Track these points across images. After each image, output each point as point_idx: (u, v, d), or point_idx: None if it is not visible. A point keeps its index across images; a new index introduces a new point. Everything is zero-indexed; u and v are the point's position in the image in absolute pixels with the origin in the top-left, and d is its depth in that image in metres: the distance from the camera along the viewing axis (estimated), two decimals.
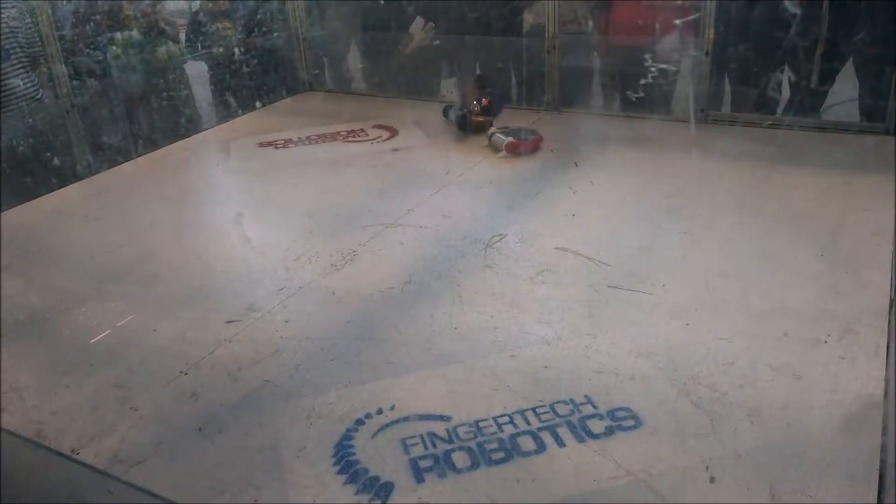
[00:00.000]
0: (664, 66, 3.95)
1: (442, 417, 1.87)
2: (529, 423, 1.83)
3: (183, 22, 5.01)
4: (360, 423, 1.86)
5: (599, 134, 4.05)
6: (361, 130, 4.24)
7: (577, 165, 3.51)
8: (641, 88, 3.92)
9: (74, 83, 3.94)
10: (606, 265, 2.57)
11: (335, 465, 1.74)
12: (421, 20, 4.72)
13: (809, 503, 1.58)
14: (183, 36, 4.93)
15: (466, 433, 1.81)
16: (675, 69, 4.02)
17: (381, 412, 1.90)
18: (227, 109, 5.03)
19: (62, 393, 2.05)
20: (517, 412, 1.87)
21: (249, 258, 2.79)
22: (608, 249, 2.67)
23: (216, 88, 5.12)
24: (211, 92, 5.16)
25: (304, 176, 3.61)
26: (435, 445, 1.78)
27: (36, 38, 3.71)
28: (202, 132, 4.54)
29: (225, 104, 5.08)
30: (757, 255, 2.60)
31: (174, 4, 5.08)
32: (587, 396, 1.91)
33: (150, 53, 4.49)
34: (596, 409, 1.87)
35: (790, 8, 3.50)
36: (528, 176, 3.43)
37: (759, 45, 3.87)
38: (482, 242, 2.79)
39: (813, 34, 3.68)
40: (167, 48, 4.59)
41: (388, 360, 2.12)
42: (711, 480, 1.63)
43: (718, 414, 1.83)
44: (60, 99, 3.80)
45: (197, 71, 5.09)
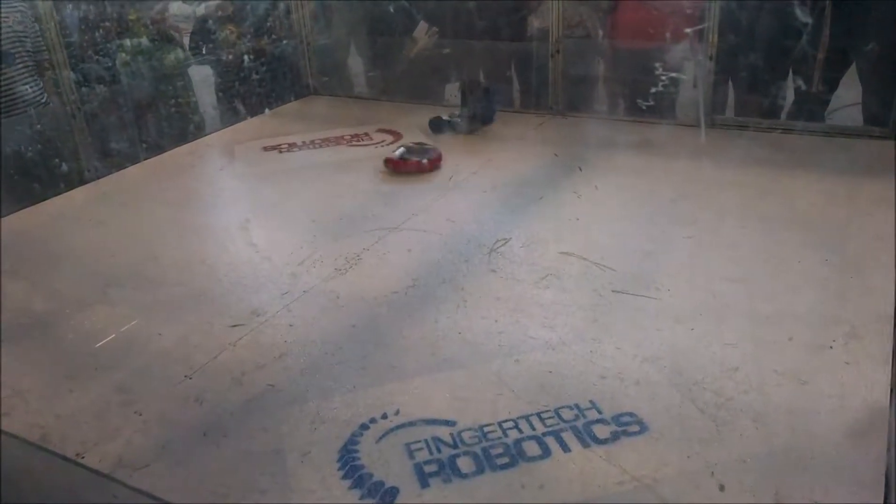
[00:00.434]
0: (670, 71, 3.95)
1: (447, 422, 1.86)
2: (534, 428, 1.83)
3: (187, 26, 5.01)
4: (364, 427, 1.86)
5: (604, 138, 4.05)
6: (365, 134, 4.24)
7: (581, 170, 3.51)
8: (650, 97, 3.92)
9: (83, 90, 3.95)
10: (611, 270, 2.57)
11: (340, 469, 1.73)
12: (425, 24, 4.72)
13: None
14: (187, 39, 4.94)
15: (471, 438, 1.81)
16: (680, 74, 4.02)
17: (385, 417, 1.90)
18: (231, 113, 5.03)
19: (66, 397, 2.05)
20: (522, 417, 1.86)
21: (254, 262, 2.80)
22: (613, 254, 2.67)
23: (221, 92, 5.12)
24: (216, 96, 5.16)
25: (308, 180, 3.61)
26: (440, 450, 1.77)
27: (42, 44, 3.72)
28: (207, 136, 4.54)
29: (230, 108, 5.09)
30: (762, 259, 2.59)
31: (178, 7, 5.09)
32: (592, 401, 1.91)
33: (157, 60, 4.50)
34: (601, 414, 1.86)
35: (801, 16, 3.49)
36: (532, 180, 3.43)
37: (763, 49, 3.87)
38: (486, 247, 2.78)
39: (817, 39, 3.68)
40: (175, 55, 4.60)
41: (392, 364, 2.12)
42: (721, 488, 1.62)
43: (724, 419, 1.82)
44: (67, 105, 3.81)
45: (201, 74, 5.10)
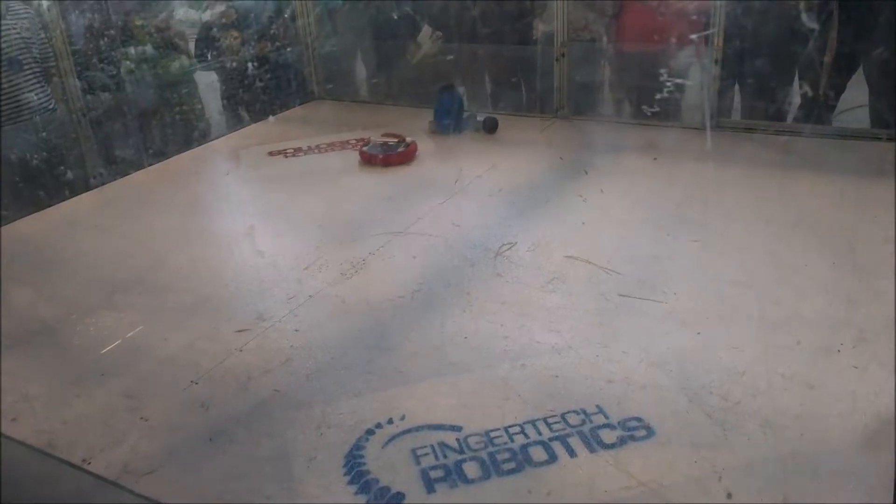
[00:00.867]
0: (676, 75, 3.94)
1: (453, 427, 1.86)
2: (541, 433, 1.82)
3: (193, 31, 5.03)
4: (370, 433, 1.86)
5: (609, 142, 4.05)
6: (370, 138, 4.24)
7: (586, 173, 3.50)
8: (655, 103, 3.92)
9: (88, 97, 3.96)
10: (617, 273, 2.56)
11: (346, 475, 1.73)
12: (429, 29, 4.72)
13: None
14: (192, 45, 4.95)
15: (477, 443, 1.80)
16: (685, 80, 4.01)
17: (391, 422, 1.89)
18: (237, 119, 5.04)
19: (73, 403, 2.05)
20: (528, 422, 1.86)
21: (259, 267, 2.80)
22: (619, 258, 2.66)
23: (226, 98, 5.14)
24: (221, 102, 5.18)
25: (313, 185, 3.62)
26: (446, 456, 1.77)
27: (50, 51, 3.74)
28: (212, 141, 4.55)
29: (235, 113, 5.10)
30: (769, 263, 2.58)
31: (185, 13, 5.10)
32: (598, 406, 1.90)
33: (162, 68, 4.51)
34: (607, 419, 1.86)
35: (808, 19, 3.49)
36: (537, 184, 3.42)
37: (770, 53, 3.86)
38: (492, 251, 2.78)
39: (823, 41, 3.67)
40: (180, 62, 4.62)
41: (398, 369, 2.11)
42: (728, 496, 1.61)
43: (731, 424, 1.82)
44: (74, 113, 3.82)
45: (207, 80, 5.11)
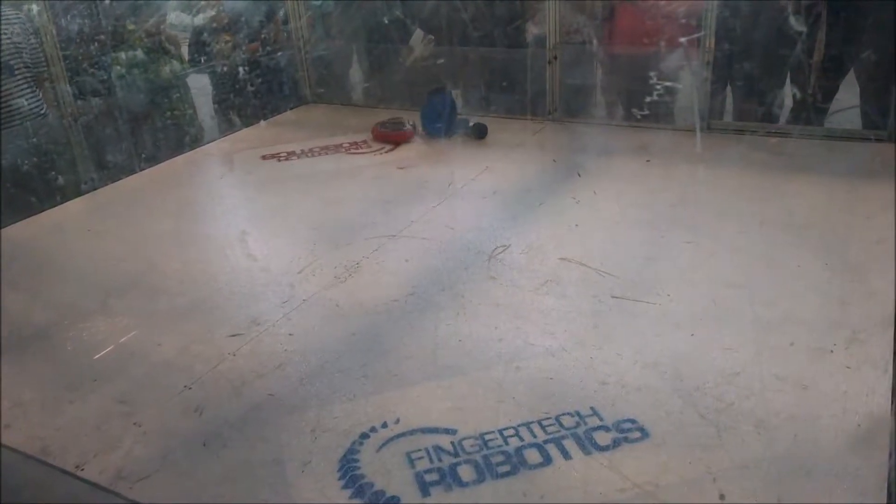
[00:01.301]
0: (667, 77, 3.95)
1: (447, 430, 1.86)
2: (535, 435, 1.82)
3: (185, 34, 5.01)
4: (365, 436, 1.86)
5: (602, 144, 4.06)
6: (364, 142, 4.25)
7: (579, 175, 3.51)
8: (647, 106, 3.93)
9: (79, 102, 3.96)
10: (611, 276, 2.56)
11: (340, 479, 1.73)
12: (421, 32, 4.72)
13: None
14: (185, 49, 4.94)
15: (472, 446, 1.80)
16: (676, 83, 4.02)
17: (385, 426, 1.89)
18: (229, 123, 5.03)
19: (66, 408, 2.05)
20: (523, 424, 1.86)
21: (253, 271, 2.80)
22: (612, 260, 2.67)
23: (219, 103, 5.12)
24: (213, 105, 5.16)
25: (306, 188, 3.61)
26: (440, 459, 1.77)
27: (41, 56, 3.74)
28: (205, 145, 4.54)
29: (227, 117, 5.09)
30: (762, 264, 2.59)
31: (177, 17, 5.09)
32: (593, 408, 1.91)
33: (154, 73, 4.51)
34: (602, 420, 1.86)
35: (798, 21, 3.51)
36: (531, 186, 3.43)
37: (761, 54, 3.87)
38: (486, 254, 2.78)
39: (815, 43, 3.68)
40: (171, 67, 4.61)
41: (392, 372, 2.11)
42: (721, 497, 1.61)
43: (725, 425, 1.82)
44: (65, 119, 3.82)
45: (199, 83, 5.10)
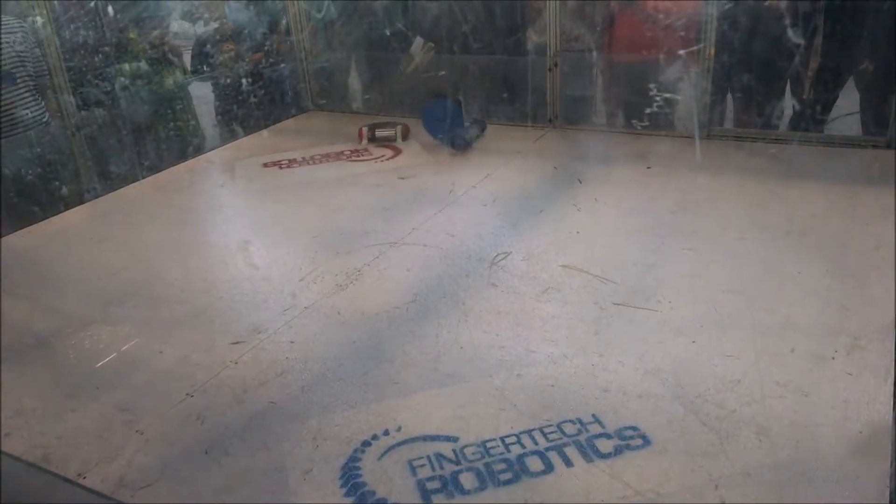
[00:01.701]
0: (667, 85, 3.97)
1: (449, 438, 1.86)
2: (537, 442, 1.82)
3: (188, 44, 5.03)
4: (366, 444, 1.86)
5: (603, 151, 4.06)
6: (365, 150, 4.26)
7: (580, 183, 3.51)
8: (649, 113, 3.94)
9: (83, 112, 3.97)
10: (612, 282, 2.57)
11: (342, 487, 1.73)
12: (421, 40, 4.73)
13: None
14: (188, 58, 4.96)
15: (474, 454, 1.80)
16: (675, 94, 4.03)
17: (387, 433, 1.89)
18: (231, 131, 5.05)
19: (68, 417, 2.05)
20: (524, 432, 1.86)
21: (254, 279, 2.80)
22: (613, 267, 2.67)
23: (220, 111, 5.14)
24: (215, 114, 5.18)
25: (308, 196, 3.62)
26: (442, 466, 1.77)
27: (43, 66, 3.75)
28: (207, 153, 4.55)
29: (229, 126, 5.10)
30: (762, 270, 2.59)
31: (180, 26, 5.11)
32: (595, 415, 1.91)
33: (157, 83, 4.52)
34: (604, 428, 1.86)
35: (793, 34, 3.52)
36: (532, 193, 3.43)
37: (760, 61, 3.88)
38: (487, 261, 2.79)
39: (815, 50, 3.69)
40: (174, 77, 4.63)
41: (394, 380, 2.11)
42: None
43: (727, 432, 1.82)
44: (69, 128, 3.83)
45: (201, 91, 5.12)
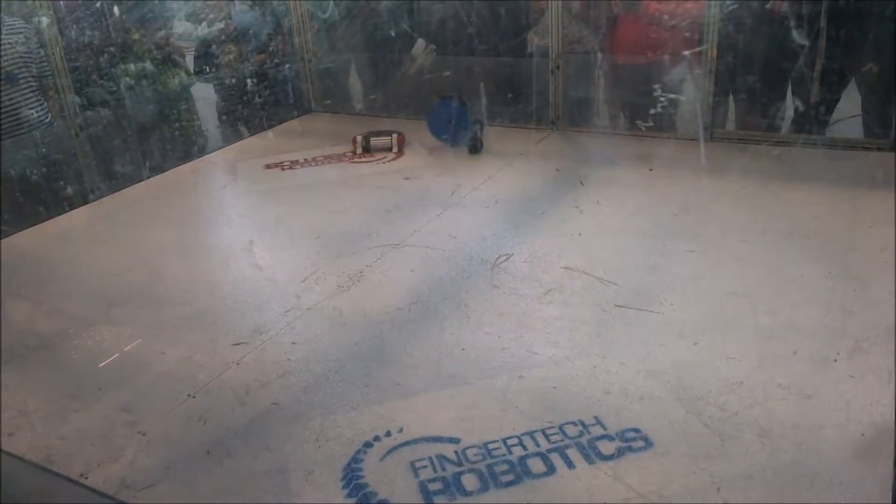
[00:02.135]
0: (669, 87, 3.97)
1: (451, 439, 1.86)
2: (539, 444, 1.82)
3: (190, 45, 5.04)
4: (368, 445, 1.86)
5: (605, 153, 4.06)
6: (367, 152, 4.26)
7: (582, 185, 3.51)
8: (649, 116, 3.95)
9: (88, 113, 3.98)
10: (614, 284, 2.57)
11: (344, 488, 1.73)
12: (422, 42, 4.74)
13: None
14: (190, 59, 4.96)
15: (475, 455, 1.80)
16: (678, 94, 4.04)
17: (389, 434, 1.89)
18: (234, 132, 5.05)
19: (71, 417, 2.05)
20: (526, 434, 1.86)
21: (256, 280, 2.80)
22: (615, 268, 2.67)
23: (223, 111, 5.14)
24: (218, 115, 5.18)
25: (310, 197, 3.63)
26: (444, 468, 1.77)
27: (46, 66, 3.76)
28: (209, 154, 4.56)
29: (232, 126, 5.10)
30: (765, 273, 2.59)
31: (183, 27, 5.11)
32: (596, 417, 1.90)
33: (161, 84, 4.53)
34: (605, 430, 1.86)
35: (797, 38, 3.52)
36: (534, 195, 3.43)
37: (763, 63, 3.88)
38: (489, 262, 2.79)
39: (818, 52, 3.69)
40: (179, 78, 4.64)
41: (396, 381, 2.11)
42: None
43: (729, 434, 1.82)
44: (73, 128, 3.84)
45: (204, 93, 5.12)
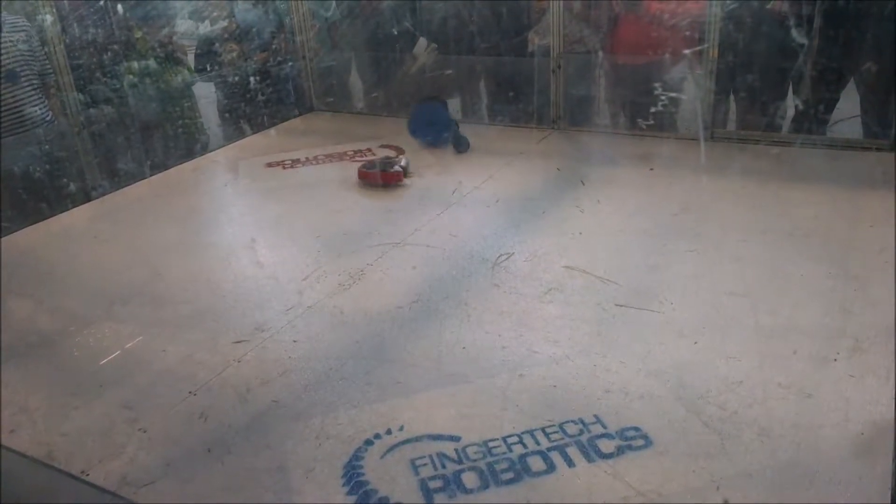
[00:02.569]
0: (670, 87, 3.98)
1: (451, 437, 1.86)
2: (539, 442, 1.82)
3: (192, 44, 5.04)
4: (369, 443, 1.86)
5: (605, 153, 4.07)
6: (368, 150, 4.26)
7: (583, 184, 3.52)
8: (650, 115, 3.95)
9: (91, 111, 3.99)
10: (614, 284, 2.57)
11: (344, 486, 1.73)
12: (424, 41, 4.75)
13: None
14: (192, 57, 4.97)
15: (476, 453, 1.80)
16: (680, 93, 4.04)
17: (390, 432, 1.90)
18: (235, 130, 5.05)
19: (72, 415, 2.05)
20: (526, 432, 1.86)
21: (257, 278, 2.80)
22: (616, 268, 2.67)
23: (225, 110, 5.15)
24: (220, 113, 5.19)
25: (311, 196, 3.63)
26: (444, 466, 1.77)
27: (48, 64, 3.77)
28: (210, 153, 4.56)
29: (234, 125, 5.11)
30: (765, 272, 2.59)
31: (186, 26, 5.12)
32: (596, 416, 1.91)
33: (164, 82, 4.54)
34: (605, 428, 1.86)
35: (797, 37, 3.53)
36: (534, 195, 3.44)
37: (763, 63, 3.89)
38: (489, 261, 2.79)
39: (816, 51, 3.70)
40: (182, 76, 4.64)
41: (396, 380, 2.12)
42: (725, 502, 1.62)
43: (728, 433, 1.82)
44: (75, 126, 3.85)
45: (205, 91, 5.13)
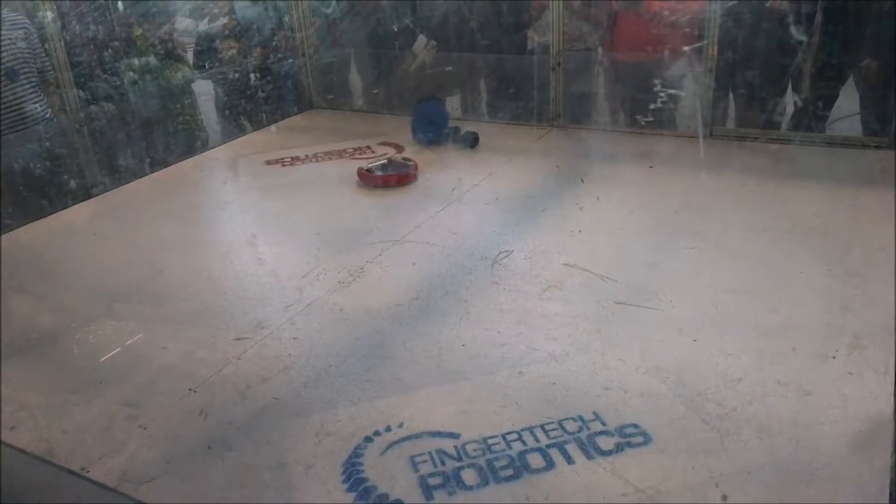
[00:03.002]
0: (669, 84, 3.98)
1: (451, 434, 1.87)
2: (538, 440, 1.83)
3: (190, 41, 5.04)
4: (368, 440, 1.87)
5: (605, 150, 4.07)
6: (368, 147, 4.26)
7: (583, 182, 3.52)
8: (649, 112, 3.96)
9: (91, 108, 3.99)
10: (614, 281, 2.57)
11: (344, 482, 1.74)
12: (423, 38, 4.74)
13: None
14: (191, 55, 4.97)
15: (475, 450, 1.81)
16: (679, 90, 4.04)
17: (389, 429, 1.90)
18: (235, 128, 5.05)
19: (72, 411, 2.06)
20: (526, 429, 1.87)
21: (258, 276, 2.81)
22: (615, 265, 2.68)
23: (224, 107, 5.15)
24: (220, 111, 5.18)
25: (310, 193, 3.63)
26: (444, 463, 1.78)
27: (47, 61, 3.77)
28: (210, 150, 4.56)
29: (233, 122, 5.11)
30: (764, 270, 2.60)
31: (183, 22, 5.11)
32: (596, 413, 1.91)
33: (164, 79, 4.54)
34: (605, 425, 1.87)
35: (797, 35, 3.53)
36: (534, 192, 3.44)
37: (763, 61, 3.89)
38: (489, 259, 2.79)
39: (815, 48, 3.70)
40: (183, 73, 4.64)
41: (396, 377, 2.12)
42: (724, 498, 1.62)
43: (727, 430, 1.83)
44: (76, 123, 3.85)
45: (204, 89, 5.12)
